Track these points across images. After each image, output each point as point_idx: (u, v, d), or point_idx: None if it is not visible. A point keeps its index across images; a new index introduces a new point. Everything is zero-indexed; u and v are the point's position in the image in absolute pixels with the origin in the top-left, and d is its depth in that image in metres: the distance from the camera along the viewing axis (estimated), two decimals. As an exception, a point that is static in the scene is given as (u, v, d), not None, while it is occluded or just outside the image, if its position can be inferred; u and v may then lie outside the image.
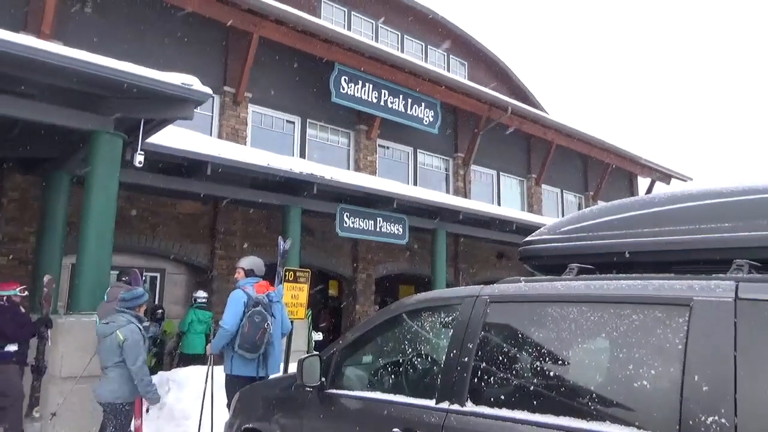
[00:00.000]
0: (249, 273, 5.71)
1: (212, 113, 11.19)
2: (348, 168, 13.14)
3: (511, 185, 17.08)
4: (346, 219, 10.20)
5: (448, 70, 16.91)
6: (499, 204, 16.24)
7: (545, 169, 17.21)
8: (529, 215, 14.60)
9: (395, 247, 13.12)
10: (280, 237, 7.16)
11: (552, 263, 3.11)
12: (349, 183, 9.62)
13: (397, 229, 10.98)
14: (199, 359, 9.10)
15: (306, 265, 10.80)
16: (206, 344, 9.24)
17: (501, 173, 16.64)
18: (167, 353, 9.54)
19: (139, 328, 4.98)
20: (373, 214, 10.64)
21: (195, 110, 6.20)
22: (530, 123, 16.00)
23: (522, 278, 2.90)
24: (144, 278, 10.43)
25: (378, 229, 10.68)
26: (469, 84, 14.35)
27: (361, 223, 10.40)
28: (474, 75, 17.64)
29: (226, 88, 11.17)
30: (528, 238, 3.33)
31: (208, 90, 6.09)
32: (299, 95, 12.38)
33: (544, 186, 17.69)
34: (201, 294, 9.74)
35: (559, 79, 68.74)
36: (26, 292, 6.19)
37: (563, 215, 17.46)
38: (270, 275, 6.67)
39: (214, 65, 11.15)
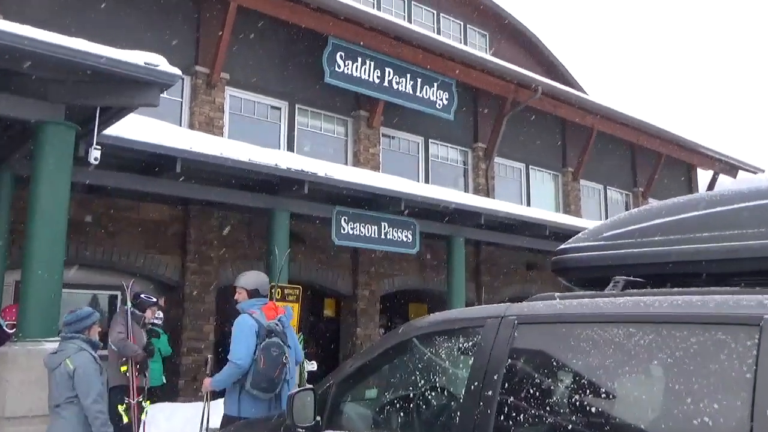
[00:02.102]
0: (253, 293, 5.68)
1: (182, 99, 11.24)
2: (345, 163, 13.17)
3: (543, 181, 17.08)
4: (343, 224, 10.22)
5: (465, 43, 16.95)
6: (528, 204, 16.24)
7: (584, 161, 17.21)
8: (565, 217, 14.58)
9: (403, 258, 13.13)
10: (276, 250, 7.21)
11: (593, 276, 3.10)
12: (347, 181, 9.64)
13: (406, 236, 10.98)
14: (156, 393, 9.02)
15: (296, 280, 10.82)
16: (162, 374, 9.19)
17: (531, 167, 16.65)
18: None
19: (93, 355, 4.98)
20: (377, 218, 10.66)
21: (161, 95, 6.23)
22: (566, 105, 16.01)
23: (556, 294, 2.89)
24: (96, 303, 10.47)
25: (383, 237, 10.68)
26: (490, 59, 14.37)
27: (362, 230, 10.41)
28: (497, 48, 17.67)
29: (199, 68, 11.23)
30: (563, 246, 3.32)
31: (176, 71, 6.12)
32: (286, 76, 12.43)
33: (583, 182, 17.68)
34: (159, 314, 9.71)
35: (599, 53, 68.76)
36: None
37: (606, 217, 17.45)
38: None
39: (183, 41, 11.21)
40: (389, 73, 13.21)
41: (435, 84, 13.92)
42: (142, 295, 7.59)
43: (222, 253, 10.97)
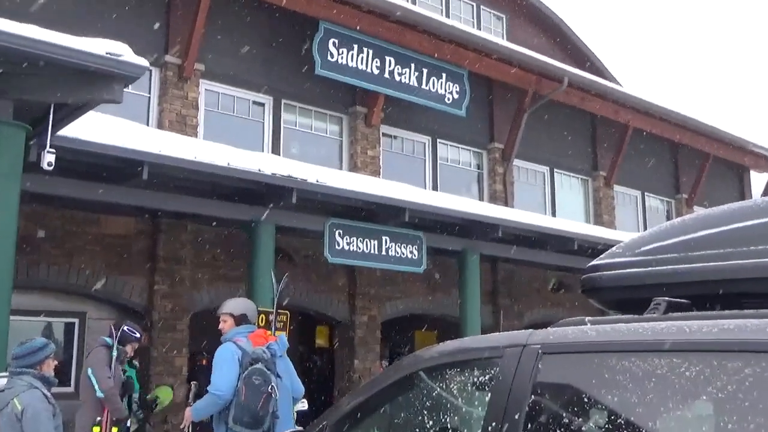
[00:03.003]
0: (240, 320, 5.76)
1: (150, 94, 11.28)
2: (340, 167, 13.19)
3: (571, 187, 17.10)
4: (338, 239, 10.22)
5: (479, 27, 17.03)
6: (553, 214, 16.24)
7: (618, 163, 17.24)
8: (597, 229, 14.57)
9: (408, 278, 13.12)
10: (272, 272, 7.26)
11: (629, 296, 3.09)
12: (341, 188, 9.64)
13: (411, 252, 10.97)
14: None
15: (283, 305, 10.80)
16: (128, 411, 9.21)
17: (556, 170, 16.67)
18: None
19: (45, 394, 4.96)
20: (377, 232, 10.66)
21: (126, 90, 6.25)
22: (596, 98, 16.06)
23: (587, 318, 2.89)
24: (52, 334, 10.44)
25: (384, 253, 10.68)
26: (508, 46, 14.43)
27: (359, 245, 10.41)
28: (516, 33, 17.74)
29: (169, 59, 11.28)
30: (595, 262, 3.32)
31: (143, 61, 6.15)
32: (271, 67, 12.47)
33: (617, 188, 17.71)
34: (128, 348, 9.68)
35: (634, 40, 69.02)
36: None
37: (645, 228, 17.44)
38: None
39: (151, 27, 11.26)
40: (390, 62, 13.26)
41: (444, 75, 13.97)
42: (126, 327, 7.71)
43: (197, 273, 10.96)
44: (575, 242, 12.27)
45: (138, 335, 7.86)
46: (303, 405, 10.27)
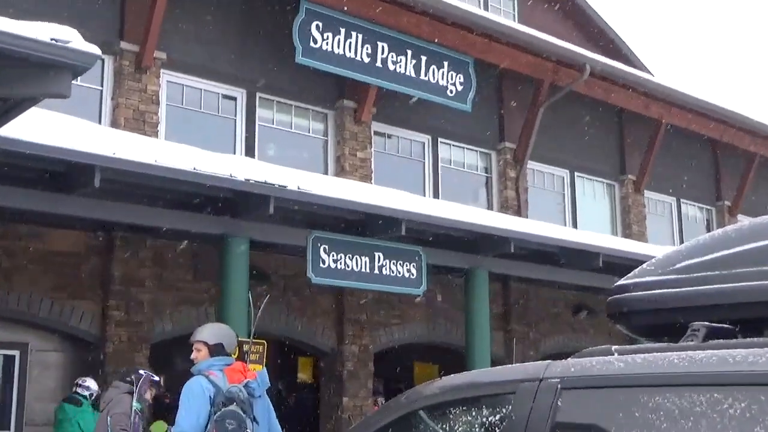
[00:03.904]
0: (215, 350, 5.76)
1: (102, 87, 11.29)
2: (325, 171, 13.21)
3: (595, 193, 17.14)
4: (323, 255, 10.21)
5: (486, 8, 17.08)
6: (574, 225, 16.28)
7: (650, 165, 17.30)
8: (625, 242, 14.60)
9: (406, 301, 13.11)
10: (249, 295, 7.26)
11: (663, 321, 3.10)
12: (327, 196, 9.65)
13: (409, 271, 10.97)
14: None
15: (259, 333, 10.76)
16: None
17: (577, 174, 16.72)
18: None
19: None
20: (369, 247, 10.65)
21: (74, 82, 6.24)
22: (624, 90, 16.13)
23: (614, 347, 2.89)
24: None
25: (377, 272, 10.67)
26: (521, 29, 14.48)
27: (348, 263, 10.40)
28: (530, 15, 17.80)
29: (125, 46, 11.29)
30: (622, 282, 3.33)
31: (94, 49, 6.14)
32: (244, 54, 12.49)
33: (648, 194, 17.76)
34: (89, 383, 9.67)
35: (667, 25, 69.40)
36: None
37: (681, 241, 17.48)
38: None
39: (104, 9, 11.26)
40: (383, 49, 13.29)
41: (446, 63, 14.01)
42: (143, 372, 8.32)
43: (158, 296, 10.93)
44: (600, 258, 12.28)
45: (157, 378, 8.40)
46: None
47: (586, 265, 12.55)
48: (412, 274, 11.01)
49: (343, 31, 12.84)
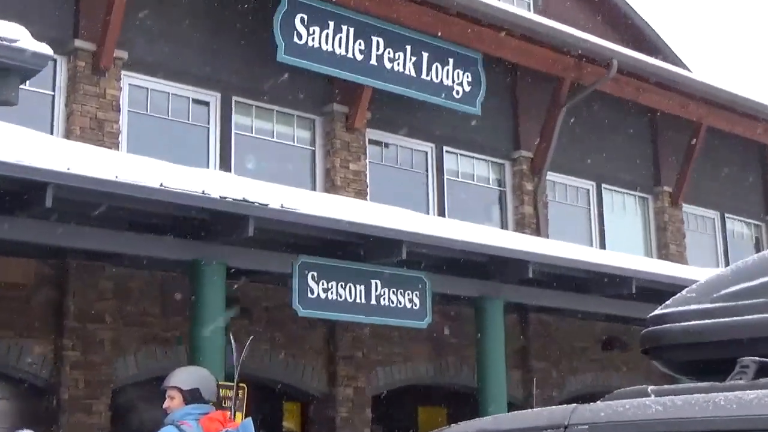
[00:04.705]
0: (191, 396, 5.78)
1: (54, 91, 11.31)
2: (313, 186, 13.21)
3: (625, 208, 17.15)
4: (311, 284, 10.19)
5: (497, -3, 17.14)
6: (601, 245, 16.28)
7: (689, 174, 17.33)
8: (661, 264, 14.58)
9: (408, 336, 13.09)
10: (231, 336, 7.25)
11: (706, 357, 3.10)
12: (315, 215, 9.64)
13: (411, 301, 10.95)
14: None
15: (239, 375, 10.72)
16: None
17: (604, 186, 16.74)
18: None
19: None
20: (365, 274, 10.64)
21: (23, 87, 6.27)
22: (657, 89, 16.19)
23: (650, 388, 2.89)
24: None
25: (373, 302, 10.64)
26: (538, 19, 14.53)
27: (340, 292, 10.38)
28: (547, 3, 17.85)
29: (80, 44, 11.31)
30: (659, 311, 3.33)
31: (45, 49, 6.19)
32: (218, 53, 12.52)
33: (687, 208, 17.78)
34: None
35: (707, 17, 69.63)
36: None
37: (727, 262, 17.46)
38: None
39: (55, 3, 11.29)
40: (379, 44, 13.34)
41: (451, 60, 14.06)
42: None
43: (120, 334, 10.90)
44: (632, 283, 12.27)
45: None
46: None
47: (616, 291, 12.53)
48: (415, 305, 10.98)
49: (331, 24, 12.89)
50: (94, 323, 10.72)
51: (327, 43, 12.83)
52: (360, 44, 13.13)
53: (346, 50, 13.01)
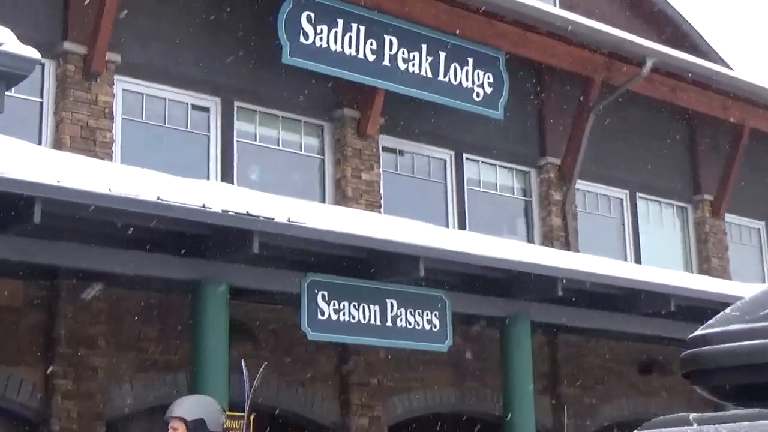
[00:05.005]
0: (195, 427, 5.82)
1: (42, 98, 11.35)
2: (322, 198, 13.22)
3: (662, 218, 17.10)
4: (321, 304, 10.19)
5: (520, -10, 17.15)
6: (637, 259, 16.23)
7: (731, 181, 17.26)
8: (702, 280, 14.52)
9: (427, 360, 13.06)
10: (242, 362, 7.25)
11: (752, 380, 3.09)
12: (324, 230, 9.64)
13: (429, 322, 10.93)
14: None
15: (241, 403, 10.70)
16: None
17: (639, 195, 16.69)
18: None
19: None
20: (379, 293, 10.64)
21: (8, 94, 6.30)
22: (694, 88, 16.16)
23: (692, 415, 2.89)
24: None
25: (389, 324, 10.64)
26: (564, 15, 14.51)
27: (353, 312, 10.37)
28: (572, -3, 17.87)
29: (70, 47, 11.34)
30: (700, 331, 3.32)
31: (32, 52, 6.22)
32: (218, 55, 12.53)
33: (730, 217, 17.71)
34: None
35: (746, 9, 69.50)
36: None
37: (774, 277, 17.37)
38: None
39: (42, 3, 11.33)
40: (392, 44, 13.35)
41: (471, 60, 14.06)
42: None
43: (115, 360, 10.91)
44: (671, 301, 12.23)
45: None
46: None
47: (653, 309, 12.50)
48: (435, 326, 10.97)
49: (340, 22, 12.90)
50: (87, 349, 10.74)
51: (336, 42, 12.85)
52: (371, 44, 13.14)
53: (357, 50, 13.02)
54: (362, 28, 13.07)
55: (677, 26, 19.37)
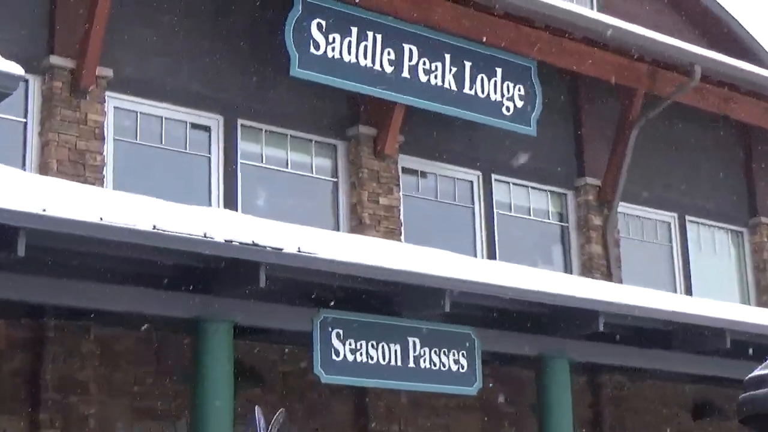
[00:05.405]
0: None
1: (26, 118, 11.41)
2: (336, 226, 13.24)
3: (715, 245, 17.04)
4: (335, 344, 10.18)
5: (553, -7, 17.17)
6: (688, 291, 16.18)
7: (791, 203, 17.21)
8: (761, 313, 14.42)
9: (454, 404, 13.03)
10: (257, 408, 7.27)
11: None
12: (339, 261, 9.62)
13: (456, 362, 10.91)
14: None
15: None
16: None
17: (688, 218, 16.65)
18: None
19: None
20: (400, 330, 10.63)
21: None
22: (749, 98, 16.17)
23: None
24: None
25: (411, 365, 10.62)
26: (602, 19, 14.51)
27: (371, 353, 10.36)
28: (610, 1, 17.83)
29: (57, 61, 11.39)
30: (758, 372, 3.33)
31: (16, 69, 6.27)
32: (220, 69, 12.58)
33: (791, 244, 17.61)
34: None
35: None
36: None
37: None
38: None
39: (26, 13, 11.40)
40: (412, 53, 13.38)
41: (499, 71, 14.08)
42: None
43: (108, 407, 10.92)
44: (726, 336, 12.17)
45: None
46: None
47: (707, 347, 12.44)
48: (462, 367, 10.96)
49: (354, 30, 12.95)
50: (76, 395, 10.76)
51: (349, 53, 12.89)
52: (389, 53, 13.18)
53: (373, 61, 13.06)
54: (379, 37, 13.11)
55: (729, 30, 19.31)
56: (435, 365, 10.79)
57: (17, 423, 10.57)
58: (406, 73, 13.29)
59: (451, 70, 13.67)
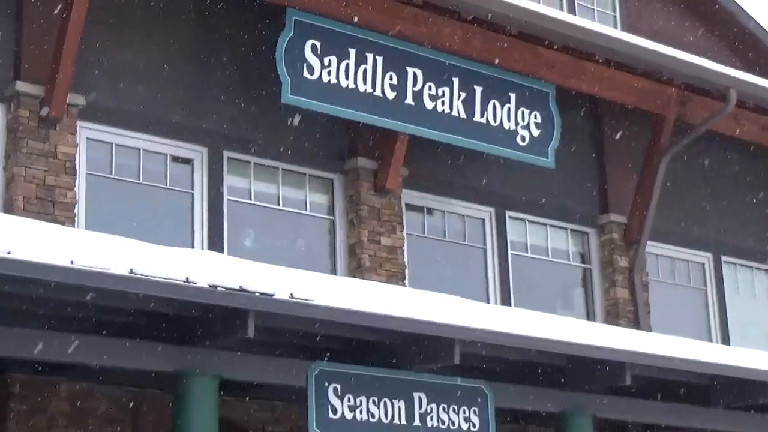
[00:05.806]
0: None
1: (-10, 151, 11.45)
2: (333, 269, 13.25)
3: (755, 288, 17.04)
4: (333, 400, 10.15)
5: (573, 10, 17.16)
6: (725, 340, 16.15)
7: (838, 241, 17.22)
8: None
9: (465, 466, 12.99)
10: None
11: None
12: (336, 308, 9.60)
13: (467, 420, 10.88)
14: None
15: None
16: None
17: (725, 258, 16.66)
18: None
19: None
20: (404, 385, 10.60)
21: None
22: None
23: None
24: None
25: (417, 423, 10.57)
26: (627, 39, 14.53)
27: (372, 409, 10.32)
28: (638, 17, 17.88)
29: (23, 88, 11.41)
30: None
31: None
32: (204, 97, 12.63)
33: (838, 285, 17.61)
34: None
35: None
36: None
37: None
38: None
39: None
40: (417, 77, 13.43)
41: (513, 96, 14.13)
42: None
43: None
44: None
45: None
46: None
47: (746, 402, 12.42)
48: (474, 425, 10.93)
49: (352, 52, 13.01)
50: (44, 459, 10.76)
51: (347, 77, 12.92)
52: (391, 78, 13.22)
53: (373, 86, 13.09)
54: (380, 59, 13.16)
55: (766, 48, 19.34)
56: (444, 423, 10.76)
57: (-22, 491, 10.55)
58: (410, 100, 13.33)
59: (459, 95, 13.70)
